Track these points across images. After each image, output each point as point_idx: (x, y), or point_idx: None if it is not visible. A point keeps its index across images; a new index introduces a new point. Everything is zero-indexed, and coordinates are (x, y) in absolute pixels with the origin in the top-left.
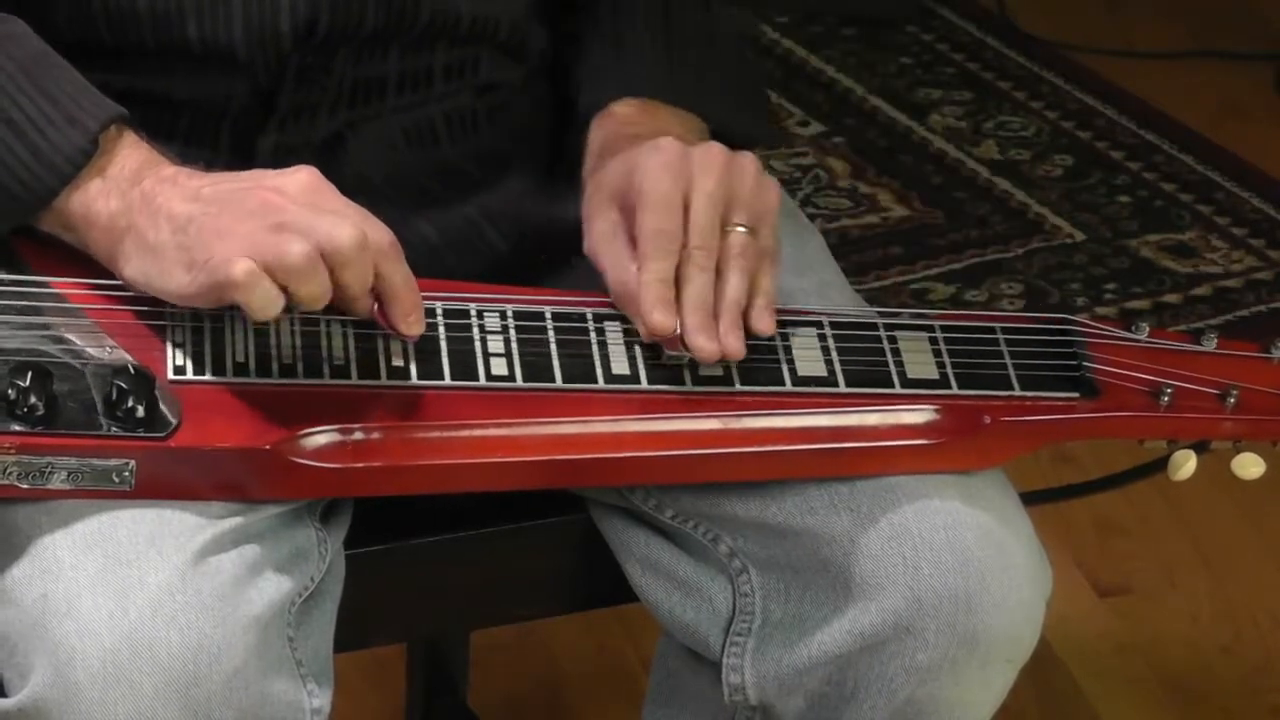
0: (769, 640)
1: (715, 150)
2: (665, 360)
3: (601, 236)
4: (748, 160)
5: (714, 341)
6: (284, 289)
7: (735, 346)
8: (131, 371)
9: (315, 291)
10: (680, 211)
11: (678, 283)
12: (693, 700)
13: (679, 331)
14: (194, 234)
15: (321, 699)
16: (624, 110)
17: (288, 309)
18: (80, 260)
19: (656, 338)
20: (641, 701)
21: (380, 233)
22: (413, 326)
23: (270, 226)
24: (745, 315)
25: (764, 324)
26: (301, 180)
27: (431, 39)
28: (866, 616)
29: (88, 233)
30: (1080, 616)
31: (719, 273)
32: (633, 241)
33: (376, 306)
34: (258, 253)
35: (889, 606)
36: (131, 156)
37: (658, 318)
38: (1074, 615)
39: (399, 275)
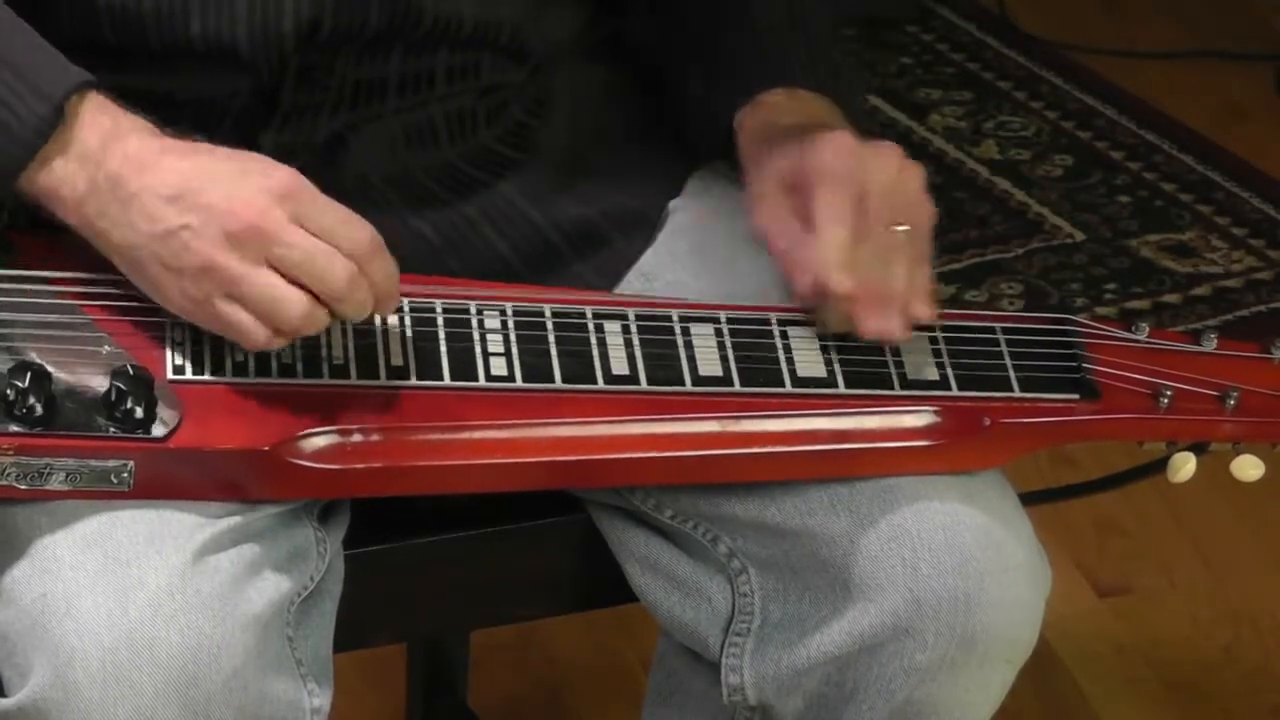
0: (768, 641)
1: (889, 151)
2: (818, 331)
3: (773, 213)
4: (917, 169)
5: (880, 318)
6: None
7: (900, 327)
8: (130, 372)
9: (316, 328)
10: (854, 192)
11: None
12: (692, 700)
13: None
14: (179, 254)
15: (321, 698)
16: (774, 99)
17: None
18: (80, 259)
19: (821, 299)
20: (641, 701)
21: (362, 237)
22: (388, 312)
23: (264, 269)
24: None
25: (924, 309)
26: (283, 187)
27: (434, 41)
28: (865, 617)
29: (57, 209)
30: (1080, 616)
31: (885, 263)
32: (802, 220)
33: None
34: (254, 306)
35: (888, 607)
36: (93, 131)
37: (837, 277)
38: (1074, 615)
39: (381, 273)
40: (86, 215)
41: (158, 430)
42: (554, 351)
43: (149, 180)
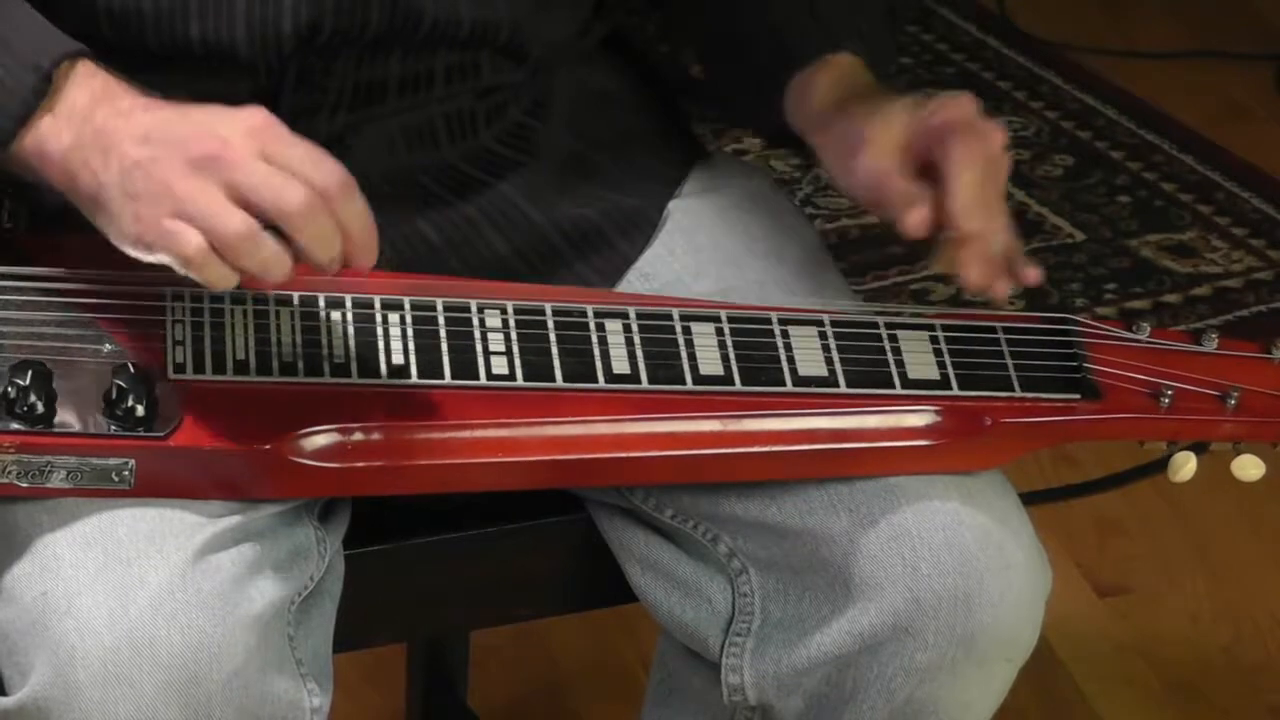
0: (768, 640)
1: (999, 125)
2: (935, 268)
3: (890, 159)
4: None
5: (985, 274)
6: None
7: (1004, 288)
8: (131, 370)
9: (263, 262)
10: (982, 149)
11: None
12: (692, 700)
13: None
14: (139, 182)
15: (321, 698)
16: (841, 59)
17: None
18: (80, 259)
19: (965, 236)
20: (641, 701)
21: (330, 174)
22: (366, 262)
23: (215, 188)
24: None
25: (1032, 272)
26: (251, 124)
27: (433, 43)
28: (866, 617)
29: (43, 170)
30: (1080, 616)
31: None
32: (914, 174)
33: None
34: (202, 220)
35: (888, 607)
36: (84, 87)
37: (977, 217)
38: (1074, 615)
39: (352, 213)
40: (71, 167)
41: (159, 429)
42: (555, 350)
43: (131, 129)
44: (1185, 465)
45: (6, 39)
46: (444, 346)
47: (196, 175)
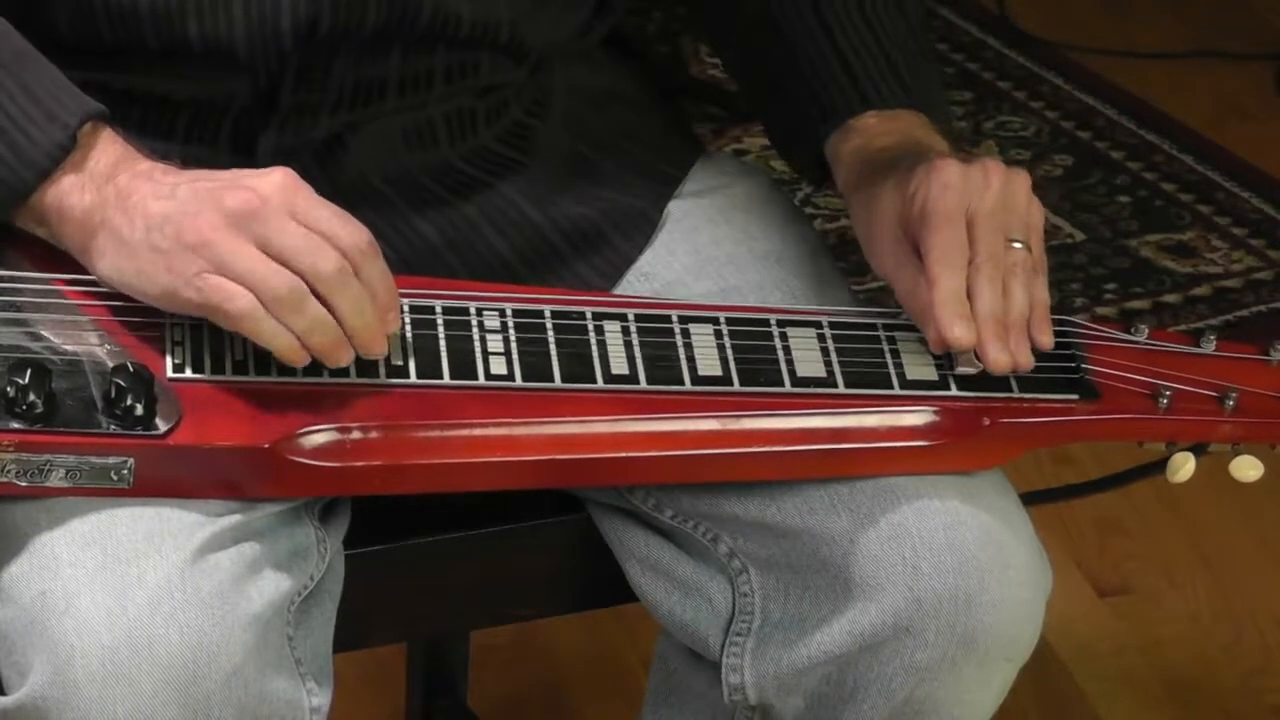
0: (768, 640)
1: (993, 168)
2: (957, 372)
3: (890, 254)
4: (1021, 178)
5: (1006, 353)
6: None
7: (1027, 358)
8: (130, 369)
9: (311, 323)
10: (964, 228)
11: (969, 296)
12: (692, 700)
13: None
14: (170, 234)
15: (321, 698)
16: (866, 122)
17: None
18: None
19: (951, 348)
20: (641, 701)
21: (357, 233)
22: (390, 325)
23: (252, 243)
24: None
25: (1046, 337)
26: (276, 181)
27: (432, 40)
28: (866, 616)
29: (61, 227)
30: (1080, 616)
31: (1004, 285)
32: (917, 258)
33: None
34: (244, 280)
35: (888, 607)
36: (107, 152)
37: (959, 331)
38: (1074, 615)
39: (376, 274)
40: (91, 226)
41: (158, 427)
42: (553, 351)
43: (152, 187)
44: (1184, 466)
45: (34, 94)
46: (443, 346)
47: (232, 230)
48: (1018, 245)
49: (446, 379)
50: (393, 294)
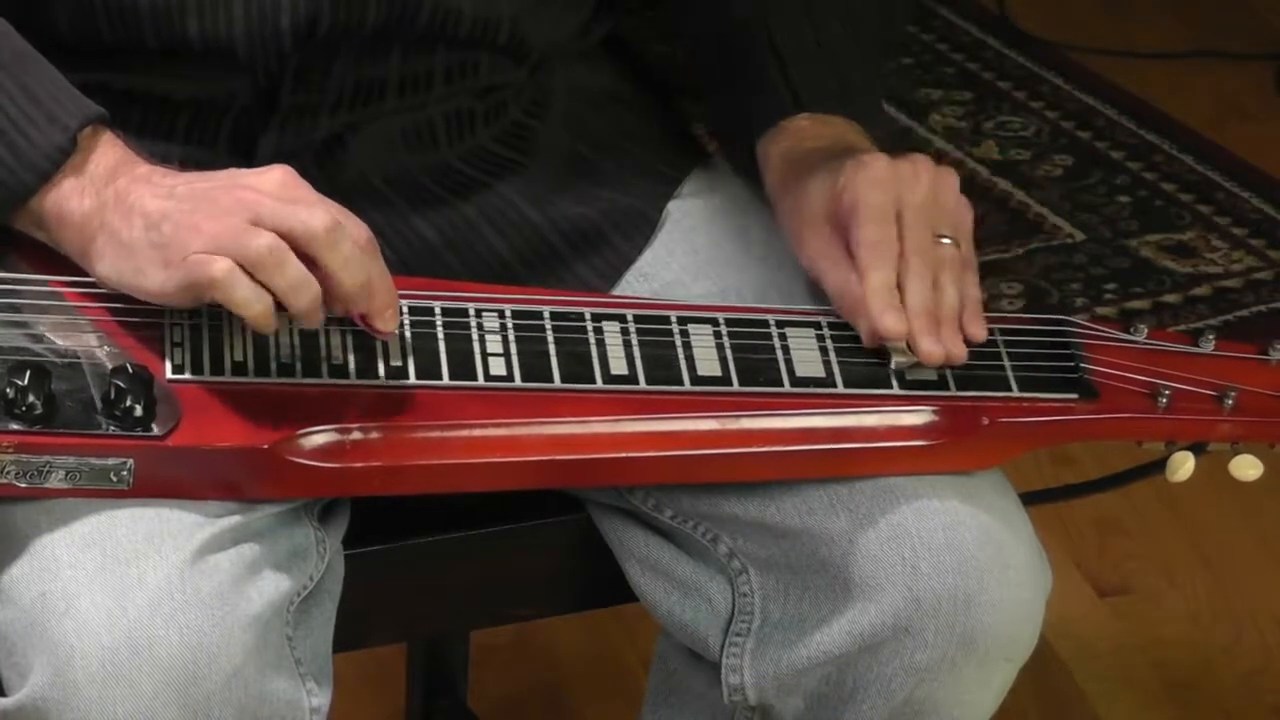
0: (768, 640)
1: (921, 164)
2: (893, 367)
3: (819, 251)
4: (950, 176)
5: (939, 345)
6: (264, 285)
7: (959, 350)
8: (130, 370)
9: (292, 281)
10: (894, 223)
11: (900, 291)
12: (692, 700)
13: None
14: (168, 231)
15: (321, 698)
16: (798, 124)
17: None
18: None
19: (882, 342)
20: (641, 701)
21: (357, 229)
22: (388, 323)
23: (243, 222)
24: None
25: (977, 330)
26: (276, 177)
27: (432, 40)
28: (865, 617)
29: (60, 231)
30: (1080, 616)
31: (934, 283)
32: (848, 254)
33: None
34: (228, 247)
35: (888, 607)
36: (107, 155)
37: (889, 321)
38: (1074, 615)
39: (375, 271)
40: (90, 231)
41: (157, 429)
42: (553, 351)
43: (151, 190)
44: (1183, 465)
45: (35, 95)
46: (442, 347)
47: (227, 215)
48: (946, 241)
49: (446, 380)
50: (392, 293)
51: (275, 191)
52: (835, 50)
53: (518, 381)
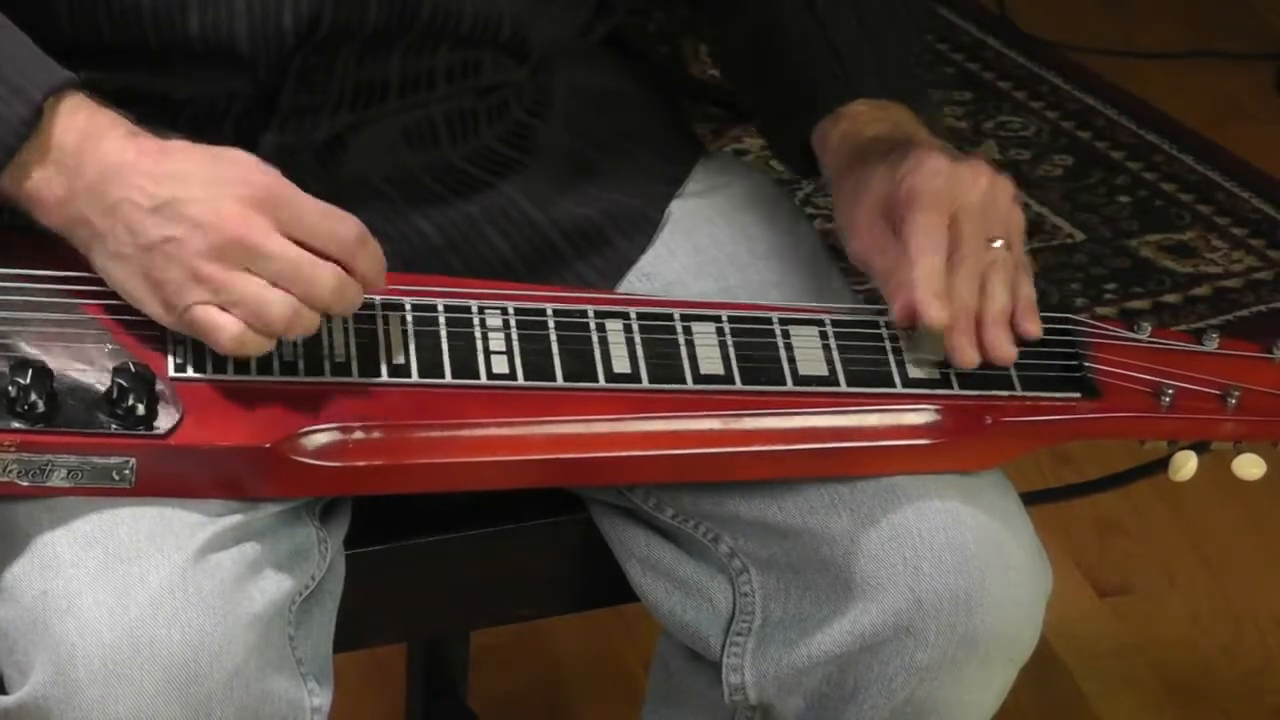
0: (769, 640)
1: (981, 168)
2: (912, 358)
3: (871, 236)
4: (1006, 183)
5: (974, 347)
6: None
7: (1008, 351)
8: (132, 369)
9: (304, 331)
10: (947, 214)
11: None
12: (692, 700)
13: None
14: (163, 267)
15: (321, 698)
16: (856, 110)
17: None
18: (81, 258)
19: (914, 325)
20: (641, 701)
21: (347, 231)
22: (378, 291)
23: (248, 275)
24: (1011, 320)
25: (1031, 326)
26: (258, 195)
27: (434, 39)
28: (867, 616)
29: (35, 210)
30: (1080, 616)
31: (983, 283)
32: (898, 240)
33: None
34: (236, 303)
35: (889, 606)
36: (70, 129)
37: (935, 309)
38: (1074, 615)
39: (369, 263)
40: (69, 218)
41: (159, 427)
42: (555, 350)
43: (129, 192)
44: (1186, 465)
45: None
46: (444, 346)
47: (223, 262)
48: (999, 244)
49: (448, 378)
50: (382, 275)
51: (265, 219)
52: (886, 47)
53: (520, 380)
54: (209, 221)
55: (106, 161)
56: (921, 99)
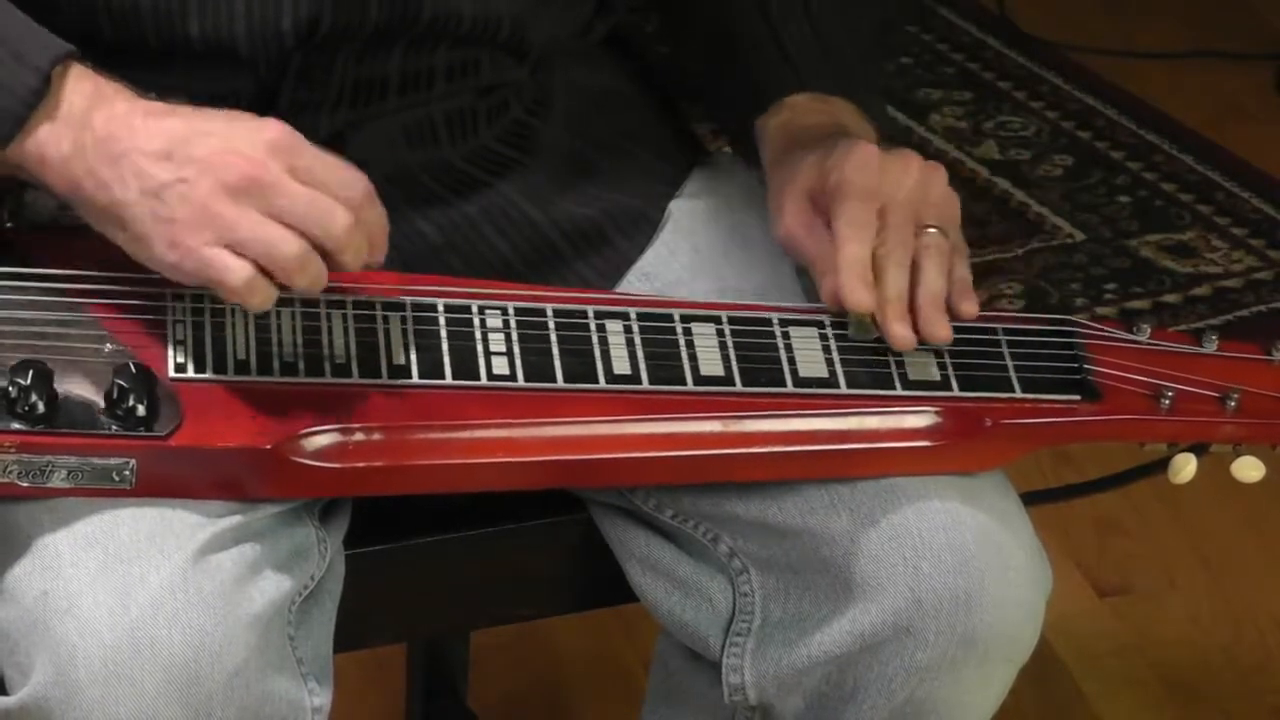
0: (769, 640)
1: (911, 160)
2: (852, 336)
3: (797, 221)
4: (939, 172)
5: (908, 329)
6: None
7: (944, 332)
8: (132, 370)
9: (311, 281)
10: (876, 205)
11: (875, 275)
12: (692, 700)
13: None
14: (173, 205)
15: (322, 698)
16: (796, 101)
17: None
18: (82, 258)
19: (847, 310)
20: (641, 701)
21: (356, 184)
22: (378, 257)
23: (260, 215)
24: (946, 303)
25: (968, 307)
26: (270, 138)
27: (433, 39)
28: (866, 617)
29: (41, 173)
30: (1080, 616)
31: (916, 267)
32: (827, 229)
33: None
34: (247, 245)
35: (889, 607)
36: (78, 92)
37: (859, 295)
38: (1074, 615)
39: (375, 217)
40: (74, 175)
41: (159, 428)
42: (555, 350)
43: (139, 140)
44: (1185, 467)
45: (3, 37)
46: (445, 346)
47: (237, 201)
48: (932, 230)
49: (449, 379)
50: (385, 234)
51: (278, 159)
52: (832, 39)
53: (520, 381)
54: (221, 161)
55: (116, 115)
56: (869, 97)
